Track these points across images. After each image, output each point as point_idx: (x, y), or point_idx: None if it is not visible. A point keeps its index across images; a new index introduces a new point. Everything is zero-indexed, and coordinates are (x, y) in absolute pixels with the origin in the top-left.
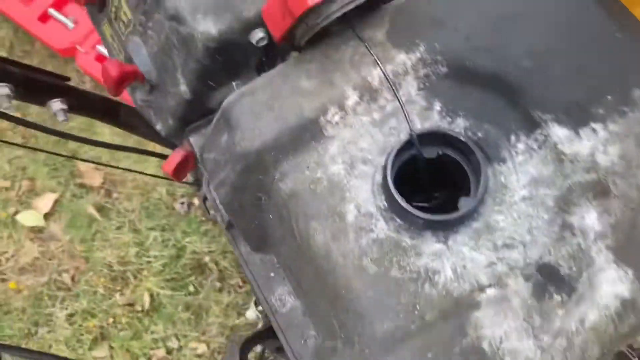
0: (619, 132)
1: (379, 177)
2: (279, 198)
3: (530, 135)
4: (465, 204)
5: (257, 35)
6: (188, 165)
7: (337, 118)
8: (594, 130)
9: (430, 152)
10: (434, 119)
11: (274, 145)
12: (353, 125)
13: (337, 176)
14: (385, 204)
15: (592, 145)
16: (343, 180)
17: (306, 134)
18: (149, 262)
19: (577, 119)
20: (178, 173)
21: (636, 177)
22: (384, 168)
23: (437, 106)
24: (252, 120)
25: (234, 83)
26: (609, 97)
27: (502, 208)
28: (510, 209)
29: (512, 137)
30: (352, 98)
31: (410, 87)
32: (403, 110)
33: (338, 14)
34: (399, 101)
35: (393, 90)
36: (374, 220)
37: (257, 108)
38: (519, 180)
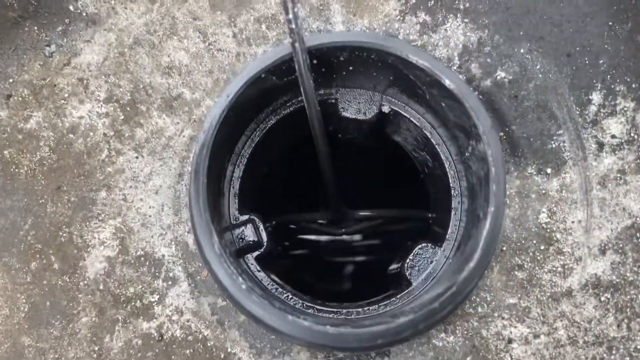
0: None
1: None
2: None
3: None
4: (424, 264)
5: None
6: None
7: None
8: None
9: (358, 105)
10: (386, 9)
11: None
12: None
13: (85, 135)
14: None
15: None
16: (100, 151)
17: None
18: None
19: None
20: None
21: None
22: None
23: None
24: None
25: None
26: None
27: (534, 306)
28: (555, 311)
29: (595, 96)
30: None
31: None
32: None
33: None
34: None
35: None
36: None
37: None
38: (591, 225)
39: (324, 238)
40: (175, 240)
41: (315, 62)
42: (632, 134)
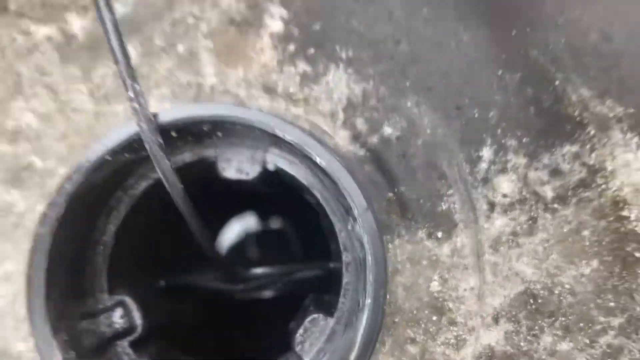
0: None
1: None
2: None
3: (541, 153)
4: (314, 338)
5: None
6: None
7: None
8: None
9: (240, 164)
10: (263, 59)
11: None
12: None
13: None
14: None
15: None
16: None
17: None
18: None
19: None
20: None
21: None
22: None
23: (276, 16)
24: None
25: None
26: None
27: None
28: None
29: (485, 152)
30: None
31: None
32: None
33: None
34: None
35: None
36: None
37: None
38: (484, 293)
39: (220, 297)
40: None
41: (174, 134)
42: (523, 193)
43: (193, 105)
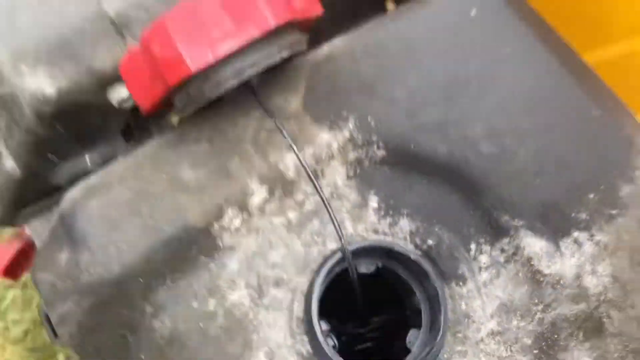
0: (608, 243)
1: (299, 308)
2: (153, 341)
3: (495, 244)
4: (416, 339)
5: (119, 94)
6: (29, 258)
7: (237, 223)
8: (577, 241)
9: (366, 266)
10: (370, 219)
11: (143, 268)
12: (260, 231)
13: (239, 308)
14: (310, 349)
15: (577, 262)
16: (248, 315)
17: (192, 248)
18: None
19: (556, 226)
20: (14, 271)
21: (634, 306)
22: (308, 295)
23: (374, 201)
24: (106, 232)
25: (87, 156)
26: (592, 195)
27: (466, 348)
28: (476, 348)
29: (472, 246)
30: (258, 194)
31: (337, 176)
32: (331, 215)
33: (234, 83)
34: (322, 200)
35: (314, 183)
36: None
37: (113, 212)
38: (484, 307)
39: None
40: (296, 352)
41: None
42: (491, 262)
43: (360, 242)
